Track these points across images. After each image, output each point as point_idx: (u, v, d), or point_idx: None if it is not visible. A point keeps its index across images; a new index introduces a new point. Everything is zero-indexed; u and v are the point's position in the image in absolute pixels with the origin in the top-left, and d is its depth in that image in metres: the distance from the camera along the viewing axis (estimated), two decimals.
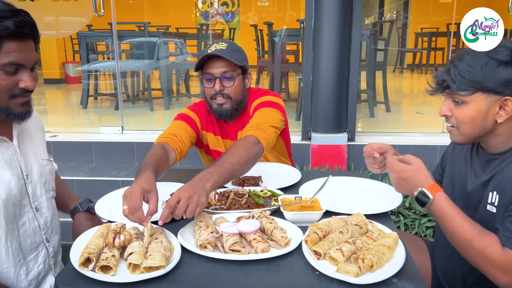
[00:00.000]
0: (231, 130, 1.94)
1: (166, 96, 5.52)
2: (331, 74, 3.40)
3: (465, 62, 1.25)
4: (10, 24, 1.13)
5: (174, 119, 1.90)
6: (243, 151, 1.53)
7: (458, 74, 1.25)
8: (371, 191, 1.62)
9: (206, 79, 1.83)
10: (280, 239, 1.18)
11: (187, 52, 6.46)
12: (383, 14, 10.56)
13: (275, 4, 9.52)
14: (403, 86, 8.02)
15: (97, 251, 1.11)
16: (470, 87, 1.24)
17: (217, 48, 1.79)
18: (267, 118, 1.74)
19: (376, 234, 1.22)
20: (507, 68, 1.20)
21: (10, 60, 1.16)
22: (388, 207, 1.45)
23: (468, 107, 1.26)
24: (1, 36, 1.13)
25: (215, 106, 1.84)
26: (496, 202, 1.27)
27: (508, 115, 1.23)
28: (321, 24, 3.34)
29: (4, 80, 1.17)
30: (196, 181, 1.33)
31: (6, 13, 1.13)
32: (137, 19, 7.13)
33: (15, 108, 1.23)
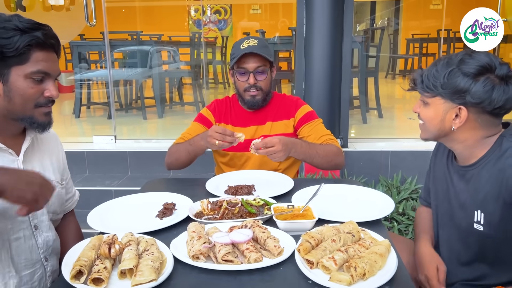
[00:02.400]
0: (255, 118, 2.07)
1: (159, 105, 5.51)
2: (323, 81, 3.42)
3: (435, 67, 1.33)
4: (39, 35, 1.21)
5: (193, 121, 2.09)
6: (332, 154, 1.88)
7: (425, 76, 1.34)
8: (363, 198, 1.63)
9: (240, 73, 1.97)
10: (273, 249, 1.18)
11: (180, 60, 6.48)
12: (374, 20, 10.66)
13: (268, 12, 9.56)
14: (395, 92, 8.07)
15: (89, 264, 1.11)
16: (432, 90, 1.33)
17: (250, 45, 1.94)
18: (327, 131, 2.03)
19: (369, 242, 1.22)
20: (465, 79, 1.26)
21: (38, 68, 1.23)
22: (380, 214, 1.45)
23: (429, 108, 1.36)
24: (31, 46, 1.20)
25: (248, 98, 2.00)
26: (483, 221, 1.31)
27: (461, 123, 1.30)
28: (312, 32, 3.36)
29: (32, 88, 1.24)
30: (290, 142, 1.74)
31: (35, 26, 1.22)
32: (130, 28, 7.13)
33: (38, 118, 1.29)
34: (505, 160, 1.26)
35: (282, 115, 2.05)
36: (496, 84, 1.25)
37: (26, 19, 1.22)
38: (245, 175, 1.88)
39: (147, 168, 3.77)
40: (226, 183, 1.76)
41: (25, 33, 1.19)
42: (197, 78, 6.14)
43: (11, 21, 1.19)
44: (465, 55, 1.30)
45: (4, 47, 1.18)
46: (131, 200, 1.65)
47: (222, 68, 7.62)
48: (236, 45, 1.99)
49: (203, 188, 1.72)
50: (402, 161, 3.52)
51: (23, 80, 1.22)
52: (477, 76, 1.26)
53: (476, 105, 1.26)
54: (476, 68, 1.26)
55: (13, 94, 1.23)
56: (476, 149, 1.34)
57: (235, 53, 1.96)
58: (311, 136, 1.98)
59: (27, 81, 1.23)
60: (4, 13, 1.23)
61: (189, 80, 6.31)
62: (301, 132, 2.02)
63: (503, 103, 1.25)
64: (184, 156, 1.90)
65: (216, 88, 7.57)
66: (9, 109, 1.25)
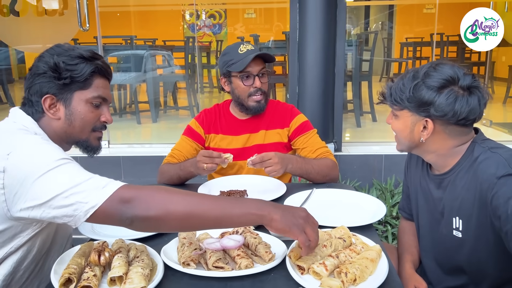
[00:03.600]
0: (247, 126, 2.03)
1: (154, 109, 5.50)
2: (317, 85, 3.43)
3: (402, 80, 1.34)
4: (100, 63, 1.31)
5: (182, 134, 2.05)
6: (327, 169, 1.87)
7: (393, 89, 1.36)
8: (355, 203, 1.63)
9: (245, 77, 1.92)
10: (264, 255, 1.18)
11: (174, 64, 6.47)
12: (368, 24, 10.71)
13: (262, 16, 9.58)
14: None
15: (78, 271, 1.10)
16: (398, 104, 1.34)
17: (248, 49, 1.92)
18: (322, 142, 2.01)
19: (360, 247, 1.22)
20: (429, 92, 1.27)
21: (99, 94, 1.31)
22: (372, 219, 1.45)
23: (399, 120, 1.38)
24: (95, 72, 1.29)
25: (252, 104, 1.95)
26: (461, 227, 1.32)
27: (429, 135, 1.31)
28: (305, 36, 3.37)
29: (92, 112, 1.31)
30: (286, 157, 1.74)
31: (95, 55, 1.31)
32: (124, 32, 7.12)
33: (93, 142, 1.36)
34: (478, 166, 1.26)
35: (276, 124, 2.02)
36: (459, 96, 1.25)
37: (86, 50, 1.31)
38: (237, 180, 1.88)
39: (140, 173, 3.76)
40: (218, 188, 1.75)
41: (89, 61, 1.28)
42: (191, 83, 6.14)
43: (74, 50, 1.28)
44: (429, 68, 1.30)
45: (72, 72, 1.25)
46: None
47: (217, 72, 7.61)
48: (231, 51, 1.93)
49: None
50: (395, 164, 3.53)
51: (84, 105, 1.29)
52: (441, 89, 1.26)
53: (440, 118, 1.27)
54: (440, 82, 1.27)
55: (74, 117, 1.29)
56: (448, 158, 1.35)
57: (235, 59, 1.90)
58: (307, 149, 1.96)
59: (88, 105, 1.30)
60: (63, 44, 1.31)
61: (184, 84, 6.31)
62: (295, 143, 2.00)
63: (466, 115, 1.25)
64: (176, 179, 1.88)
65: (211, 92, 7.58)
66: (68, 132, 1.30)
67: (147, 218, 1.04)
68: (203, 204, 1.07)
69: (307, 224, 1.09)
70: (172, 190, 1.11)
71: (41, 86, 1.25)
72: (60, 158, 1.09)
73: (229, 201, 1.14)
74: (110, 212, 1.04)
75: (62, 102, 1.27)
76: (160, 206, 1.04)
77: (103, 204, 1.03)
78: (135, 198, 1.04)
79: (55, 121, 1.28)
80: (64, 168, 1.08)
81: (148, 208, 1.03)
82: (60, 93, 1.26)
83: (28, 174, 1.06)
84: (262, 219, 1.06)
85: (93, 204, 1.03)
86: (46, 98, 1.25)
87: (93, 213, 1.03)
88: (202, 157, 1.69)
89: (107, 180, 1.08)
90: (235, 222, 1.10)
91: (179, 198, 1.06)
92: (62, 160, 1.09)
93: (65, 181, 1.05)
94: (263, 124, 2.03)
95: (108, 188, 1.05)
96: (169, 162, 1.96)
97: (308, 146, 1.96)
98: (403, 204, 1.67)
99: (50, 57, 1.25)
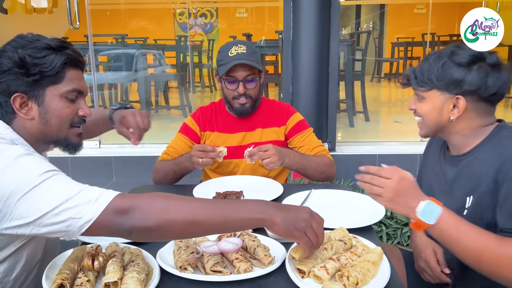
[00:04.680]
0: (243, 124, 2.02)
1: (145, 109, 5.45)
2: (311, 85, 3.41)
3: (427, 61, 1.36)
4: (71, 52, 1.18)
5: (178, 132, 2.04)
6: (324, 166, 1.88)
7: (419, 71, 1.37)
8: (353, 203, 1.60)
9: (229, 82, 1.91)
10: (263, 258, 1.15)
11: (165, 63, 6.42)
12: (359, 24, 10.73)
13: (254, 15, 9.56)
14: (380, 96, 8.13)
15: (71, 276, 1.06)
16: (427, 84, 1.35)
17: (238, 52, 1.87)
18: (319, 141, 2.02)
19: (360, 250, 1.20)
20: (460, 69, 1.29)
21: (73, 87, 1.19)
22: (371, 220, 1.43)
23: (425, 102, 1.38)
24: (66, 64, 1.16)
25: (237, 106, 1.94)
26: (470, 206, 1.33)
27: (460, 113, 1.32)
28: (299, 36, 3.35)
29: (68, 108, 1.20)
30: (283, 151, 1.76)
31: (64, 44, 1.18)
32: (115, 31, 7.05)
33: (72, 139, 1.25)
34: (504, 146, 1.28)
35: (273, 122, 2.01)
36: (489, 72, 1.28)
37: (52, 38, 1.17)
38: (233, 181, 1.85)
39: (132, 174, 3.70)
40: (214, 190, 1.72)
41: (58, 52, 1.15)
42: (183, 82, 6.09)
43: (39, 40, 1.14)
44: (454, 47, 1.34)
45: (41, 66, 1.12)
46: None
47: (208, 72, 7.58)
48: (224, 50, 1.92)
49: (190, 195, 1.67)
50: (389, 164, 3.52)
51: (59, 100, 1.17)
52: (471, 65, 1.29)
53: (474, 93, 1.29)
54: (469, 58, 1.29)
55: (50, 115, 1.17)
56: (471, 138, 1.36)
57: (223, 60, 1.89)
58: (304, 147, 1.95)
59: (63, 100, 1.18)
60: (26, 34, 1.17)
61: (175, 83, 6.26)
62: (292, 142, 1.99)
63: (497, 89, 1.29)
64: (171, 176, 1.87)
65: (203, 92, 7.53)
66: (44, 132, 1.19)
67: (146, 228, 0.99)
68: (203, 210, 1.02)
69: (310, 225, 1.06)
70: (170, 197, 1.06)
71: (8, 85, 1.13)
72: (45, 172, 1.00)
73: (230, 205, 1.09)
74: (106, 225, 0.99)
75: (34, 100, 1.15)
76: (159, 214, 0.99)
77: (98, 217, 0.97)
78: (132, 208, 0.99)
79: (28, 121, 1.16)
80: (50, 182, 1.00)
81: (147, 217, 0.99)
82: (30, 91, 1.14)
83: (11, 192, 0.97)
84: (264, 223, 1.03)
85: (87, 219, 0.97)
86: (16, 97, 1.13)
87: (88, 227, 0.98)
88: (197, 151, 1.70)
89: (99, 191, 1.01)
90: (237, 227, 1.07)
91: (178, 205, 1.02)
92: (47, 173, 1.00)
93: (53, 197, 0.97)
94: (260, 123, 2.01)
95: (102, 200, 0.99)
96: (164, 159, 1.95)
97: (305, 144, 1.95)
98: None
99: (13, 51, 1.12)
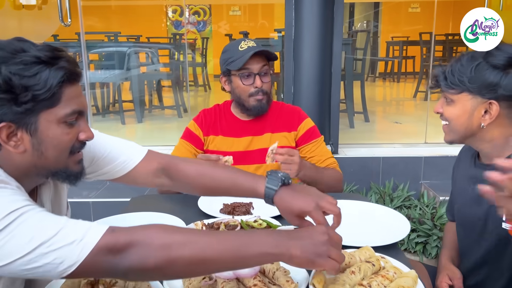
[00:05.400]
0: (250, 128, 1.89)
1: (138, 108, 5.29)
2: (313, 85, 3.28)
3: (460, 62, 1.26)
4: (66, 64, 0.93)
5: (180, 138, 1.91)
6: (334, 181, 1.80)
7: (450, 72, 1.27)
8: (370, 215, 1.48)
9: (245, 77, 1.78)
10: (285, 284, 1.02)
11: (158, 61, 6.26)
12: (353, 23, 10.65)
13: (247, 14, 9.44)
14: (376, 95, 8.04)
15: None
16: (458, 86, 1.25)
17: (249, 46, 1.77)
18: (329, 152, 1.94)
19: (392, 273, 1.07)
20: (495, 72, 1.20)
21: (73, 108, 0.95)
22: (396, 236, 1.30)
23: (455, 106, 1.28)
24: (63, 81, 0.92)
25: (254, 104, 1.81)
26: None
27: (492, 119, 1.23)
28: (301, 34, 3.22)
29: (68, 134, 0.96)
30: (303, 163, 1.65)
31: (57, 54, 0.93)
32: (107, 28, 6.86)
33: (73, 168, 1.02)
34: None
35: (282, 126, 1.88)
36: None
37: (41, 46, 0.93)
38: None
39: None
40: (221, 201, 1.59)
41: (52, 65, 0.91)
42: (177, 81, 5.94)
43: (25, 51, 0.89)
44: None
45: (33, 89, 0.88)
46: (116, 223, 1.46)
47: (202, 70, 7.43)
48: (231, 48, 1.80)
49: (195, 207, 1.55)
50: (393, 167, 3.42)
51: (56, 127, 0.94)
52: (507, 67, 1.19)
53: (509, 98, 1.20)
54: (506, 59, 1.20)
55: (46, 146, 0.94)
56: (505, 148, 1.26)
57: (234, 56, 1.77)
58: (315, 158, 1.84)
59: (61, 126, 0.94)
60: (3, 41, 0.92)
61: (169, 82, 6.11)
62: (303, 150, 1.87)
63: None
64: None
65: (196, 91, 7.38)
66: (38, 165, 0.96)
67: (145, 269, 0.83)
68: (212, 246, 0.86)
69: (331, 247, 0.93)
70: (172, 230, 0.89)
71: None
72: (14, 210, 0.81)
73: (241, 238, 0.91)
74: (96, 267, 0.82)
75: (25, 129, 0.91)
76: (161, 252, 0.83)
77: (85, 260, 0.80)
78: (128, 246, 0.82)
79: (18, 155, 0.93)
80: (20, 223, 0.81)
81: (146, 256, 0.83)
82: (20, 119, 0.90)
83: None
84: (281, 257, 0.90)
85: (70, 263, 0.80)
86: (1, 128, 0.89)
87: (72, 272, 0.81)
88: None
89: (84, 228, 0.83)
90: (250, 264, 0.94)
91: (182, 240, 0.85)
92: (16, 212, 0.81)
93: (24, 241, 0.79)
94: (268, 127, 1.88)
95: (89, 238, 0.81)
96: None
97: (316, 155, 1.84)
98: (449, 206, 1.62)
99: None
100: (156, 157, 1.26)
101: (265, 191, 1.10)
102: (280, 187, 1.09)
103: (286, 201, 1.08)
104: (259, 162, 1.85)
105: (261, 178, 1.13)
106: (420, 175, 3.44)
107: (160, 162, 1.24)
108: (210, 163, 1.30)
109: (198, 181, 1.23)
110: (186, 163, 1.26)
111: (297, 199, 1.06)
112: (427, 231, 2.80)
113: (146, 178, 1.25)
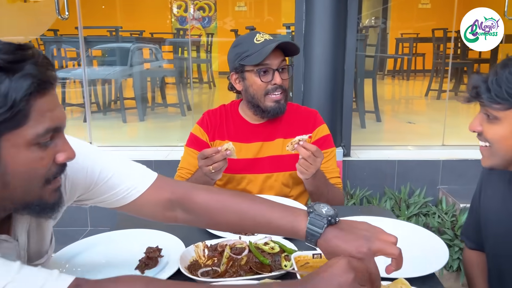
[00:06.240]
0: (260, 132, 1.70)
1: (141, 106, 5.10)
2: (324, 83, 3.07)
3: (508, 69, 1.01)
4: (34, 69, 0.70)
5: (185, 145, 1.73)
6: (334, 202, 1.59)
7: (495, 82, 1.02)
8: (405, 237, 1.27)
9: (263, 72, 1.59)
10: None
11: (162, 58, 6.07)
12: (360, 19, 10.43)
13: (253, 9, 9.26)
14: (385, 93, 7.81)
15: None
16: (505, 101, 1.01)
17: (266, 39, 1.60)
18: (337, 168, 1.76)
19: None
20: None
21: (46, 126, 0.73)
22: (434, 265, 1.10)
23: (501, 125, 1.04)
24: (31, 94, 0.69)
25: (271, 104, 1.63)
26: None
27: None
28: (313, 29, 3.01)
29: (41, 159, 0.74)
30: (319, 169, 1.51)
31: (20, 56, 0.70)
32: (108, 23, 6.68)
33: (48, 198, 0.80)
34: None
35: (296, 131, 1.67)
36: None
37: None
38: None
39: None
40: None
41: (14, 74, 0.68)
42: (181, 78, 5.75)
43: None
44: None
45: None
46: (103, 243, 1.29)
47: (207, 67, 7.25)
48: (245, 41, 1.61)
49: None
50: (410, 171, 3.21)
51: (26, 151, 0.72)
52: None
53: None
54: None
55: (11, 177, 0.73)
56: None
57: (250, 50, 1.57)
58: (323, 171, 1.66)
59: (31, 149, 0.73)
60: None
61: (173, 79, 5.92)
62: None
63: None
64: None
65: (201, 88, 7.20)
66: (4, 198, 0.76)
67: None
68: None
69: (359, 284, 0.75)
70: (154, 283, 0.72)
71: None
72: None
73: None
74: None
75: None
76: None
77: None
78: None
79: None
80: None
81: None
82: None
83: None
84: None
85: None
86: None
87: None
88: (202, 161, 1.43)
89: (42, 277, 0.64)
90: None
91: None
92: None
93: None
94: (280, 131, 1.69)
95: None
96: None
97: (324, 168, 1.64)
98: (469, 231, 1.37)
99: None
100: (168, 185, 1.03)
101: (306, 233, 0.88)
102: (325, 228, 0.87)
103: (332, 245, 0.87)
104: (269, 171, 1.65)
105: (301, 215, 0.91)
106: (438, 180, 3.22)
107: (173, 192, 1.01)
108: (235, 193, 1.04)
109: (222, 216, 0.99)
110: (206, 193, 1.01)
111: (346, 242, 0.86)
112: (447, 241, 2.60)
113: (154, 210, 1.02)
